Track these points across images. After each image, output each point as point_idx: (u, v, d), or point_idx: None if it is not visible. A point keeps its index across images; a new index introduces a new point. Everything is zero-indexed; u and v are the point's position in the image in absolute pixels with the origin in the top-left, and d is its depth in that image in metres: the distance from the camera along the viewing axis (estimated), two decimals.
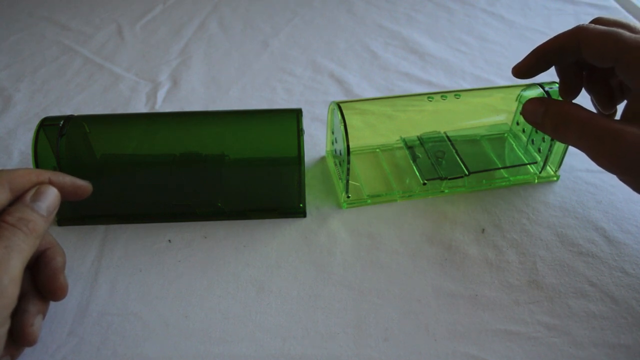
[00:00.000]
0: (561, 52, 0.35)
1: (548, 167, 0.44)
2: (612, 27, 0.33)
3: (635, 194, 0.43)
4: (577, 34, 0.33)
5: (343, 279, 0.37)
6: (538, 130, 0.43)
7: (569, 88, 0.37)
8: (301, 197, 0.41)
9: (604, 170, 0.45)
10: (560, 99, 0.38)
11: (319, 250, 0.39)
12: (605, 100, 0.37)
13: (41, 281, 0.31)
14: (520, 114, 0.37)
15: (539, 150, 0.44)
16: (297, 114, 0.39)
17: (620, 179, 0.32)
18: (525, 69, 0.37)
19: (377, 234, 0.40)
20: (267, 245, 0.39)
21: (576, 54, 0.34)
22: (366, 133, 0.45)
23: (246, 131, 0.41)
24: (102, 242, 0.39)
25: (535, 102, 0.36)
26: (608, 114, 0.38)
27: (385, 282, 0.36)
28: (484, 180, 0.44)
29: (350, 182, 0.41)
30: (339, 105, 0.40)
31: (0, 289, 0.26)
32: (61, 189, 0.31)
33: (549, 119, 0.34)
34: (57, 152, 0.37)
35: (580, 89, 0.38)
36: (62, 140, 0.38)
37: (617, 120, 0.31)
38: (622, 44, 0.31)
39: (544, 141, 0.43)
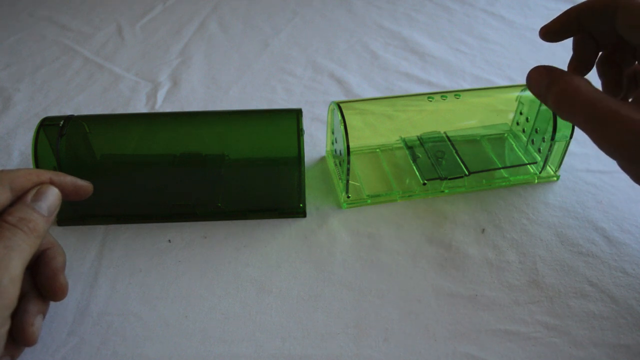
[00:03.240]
0: (596, 14, 0.33)
1: (548, 167, 0.44)
2: None
3: (635, 194, 0.43)
4: None
5: (343, 279, 0.37)
6: (538, 130, 0.44)
7: (580, 63, 0.36)
8: (301, 197, 0.41)
9: (604, 170, 0.45)
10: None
11: (319, 250, 0.39)
12: (614, 88, 0.36)
13: (41, 281, 0.31)
14: (526, 80, 0.35)
15: (539, 150, 0.44)
16: (297, 114, 0.39)
17: (621, 166, 0.31)
18: (555, 28, 0.35)
19: (377, 234, 0.40)
20: (267, 245, 0.39)
21: (610, 21, 0.32)
22: (366, 133, 0.45)
23: (246, 131, 0.41)
24: (102, 242, 0.39)
25: (541, 70, 0.33)
26: None
27: (385, 282, 0.36)
28: (484, 180, 0.44)
29: (350, 182, 0.41)
30: (339, 105, 0.40)
31: (0, 289, 0.26)
32: (62, 189, 0.31)
33: (554, 93, 0.32)
34: (57, 152, 0.37)
35: (590, 69, 0.36)
36: (62, 140, 0.38)
37: (627, 103, 0.30)
38: None
39: (544, 141, 0.43)
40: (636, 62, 0.35)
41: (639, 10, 0.31)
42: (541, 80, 0.33)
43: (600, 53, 0.36)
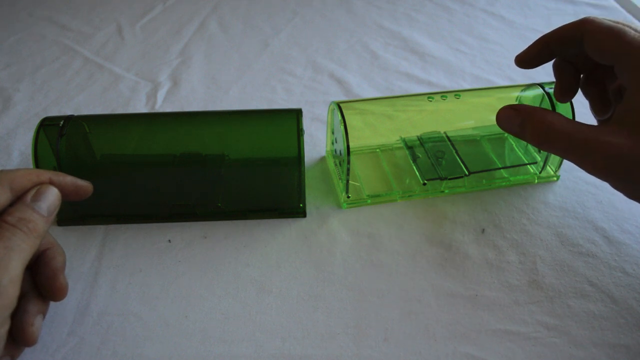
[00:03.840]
0: (565, 42, 0.34)
1: (548, 167, 0.44)
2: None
3: None
4: (583, 25, 0.33)
5: (343, 279, 0.37)
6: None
7: (564, 89, 0.37)
8: (301, 197, 0.41)
9: None
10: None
11: (319, 250, 0.39)
12: (601, 106, 0.37)
13: (41, 281, 0.31)
14: (496, 121, 0.36)
15: (539, 150, 0.44)
16: (297, 114, 0.39)
17: (613, 187, 0.32)
18: (529, 57, 0.37)
19: (377, 234, 0.40)
20: (267, 245, 0.39)
21: (579, 46, 0.34)
22: (366, 133, 0.45)
23: (246, 131, 0.41)
24: (102, 242, 0.39)
25: (509, 111, 0.35)
26: (603, 119, 0.37)
27: (385, 282, 0.36)
28: (484, 180, 0.44)
29: (350, 182, 0.41)
30: (339, 105, 0.40)
31: (0, 289, 0.26)
32: (62, 189, 0.31)
33: (529, 131, 0.33)
34: (57, 152, 0.37)
35: (576, 92, 0.37)
36: (62, 140, 0.38)
37: (603, 127, 0.31)
38: (624, 41, 0.31)
39: None
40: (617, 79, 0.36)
41: (603, 34, 0.32)
42: (512, 120, 0.35)
43: (581, 75, 0.37)
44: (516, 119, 0.34)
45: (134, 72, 0.61)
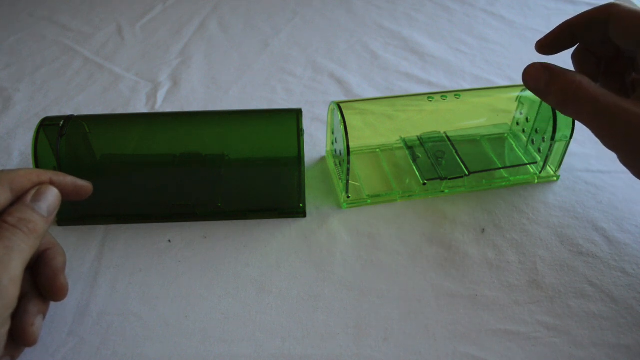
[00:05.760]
0: (589, 26, 0.34)
1: (548, 167, 0.44)
2: None
3: (635, 194, 0.43)
4: (609, 8, 0.33)
5: (343, 279, 0.37)
6: (538, 130, 0.44)
7: None
8: (301, 197, 0.41)
9: (604, 170, 0.45)
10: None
11: (319, 250, 0.39)
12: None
13: (41, 281, 0.31)
14: (522, 78, 0.35)
15: (539, 150, 0.44)
16: (297, 114, 0.39)
17: (622, 161, 0.31)
18: (550, 42, 0.36)
19: (377, 234, 0.40)
20: (267, 245, 0.39)
21: (603, 31, 0.33)
22: (366, 133, 0.45)
23: (246, 131, 0.41)
24: (102, 242, 0.39)
25: (539, 68, 0.34)
26: None
27: (385, 282, 0.36)
28: (484, 180, 0.44)
29: (350, 182, 0.41)
30: (339, 105, 0.40)
31: (0, 289, 0.26)
32: (62, 189, 0.31)
33: (555, 90, 0.32)
34: (57, 152, 0.37)
35: (597, 81, 0.37)
36: (62, 140, 0.38)
37: (628, 99, 0.30)
38: None
39: (544, 141, 0.43)
40: (634, 73, 0.36)
41: (630, 16, 0.32)
42: (539, 77, 0.33)
43: (601, 67, 0.37)
44: (544, 76, 0.33)
45: (134, 72, 0.61)
